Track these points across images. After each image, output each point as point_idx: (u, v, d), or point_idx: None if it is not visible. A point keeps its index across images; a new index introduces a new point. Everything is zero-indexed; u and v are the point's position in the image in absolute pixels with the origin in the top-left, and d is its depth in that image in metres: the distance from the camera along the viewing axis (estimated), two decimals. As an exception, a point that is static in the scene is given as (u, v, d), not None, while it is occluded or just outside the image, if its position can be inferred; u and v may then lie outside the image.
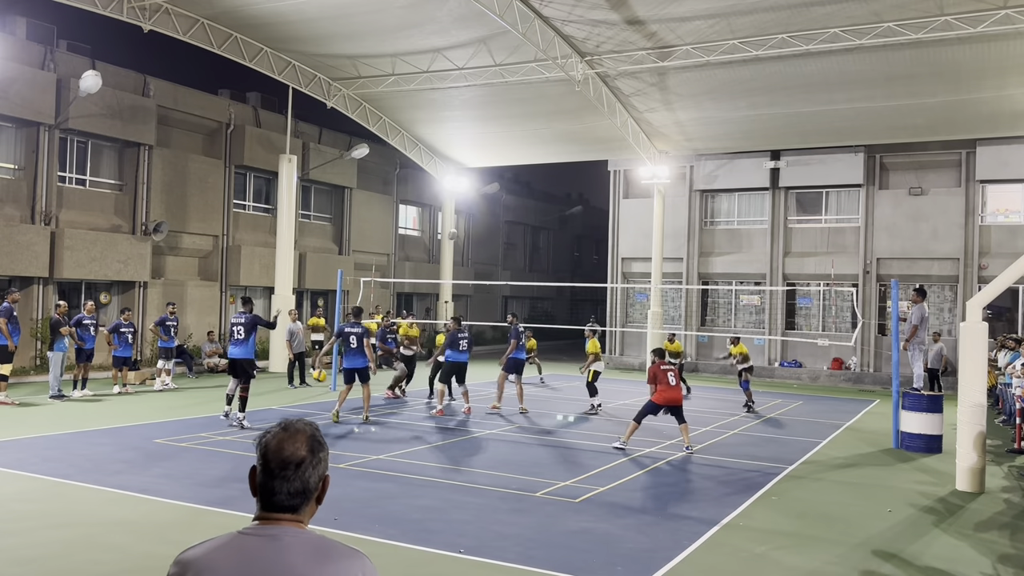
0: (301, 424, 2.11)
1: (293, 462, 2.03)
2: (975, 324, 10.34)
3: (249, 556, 1.95)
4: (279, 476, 2.03)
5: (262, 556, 1.95)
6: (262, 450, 2.07)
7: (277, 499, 2.04)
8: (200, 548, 2.01)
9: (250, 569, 1.93)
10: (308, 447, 2.07)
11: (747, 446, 13.02)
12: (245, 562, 1.94)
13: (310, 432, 2.10)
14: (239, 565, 1.94)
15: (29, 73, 19.51)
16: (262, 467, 2.05)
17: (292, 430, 2.08)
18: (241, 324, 13.17)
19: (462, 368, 15.31)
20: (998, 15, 16.25)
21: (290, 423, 2.11)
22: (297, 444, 2.06)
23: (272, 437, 2.07)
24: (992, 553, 7.58)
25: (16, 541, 6.97)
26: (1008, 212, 24.98)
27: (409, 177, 32.59)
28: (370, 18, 19.32)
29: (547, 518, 8.20)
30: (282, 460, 2.03)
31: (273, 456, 2.04)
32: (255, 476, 2.07)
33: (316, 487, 2.09)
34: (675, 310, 29.13)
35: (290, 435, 2.07)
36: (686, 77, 21.43)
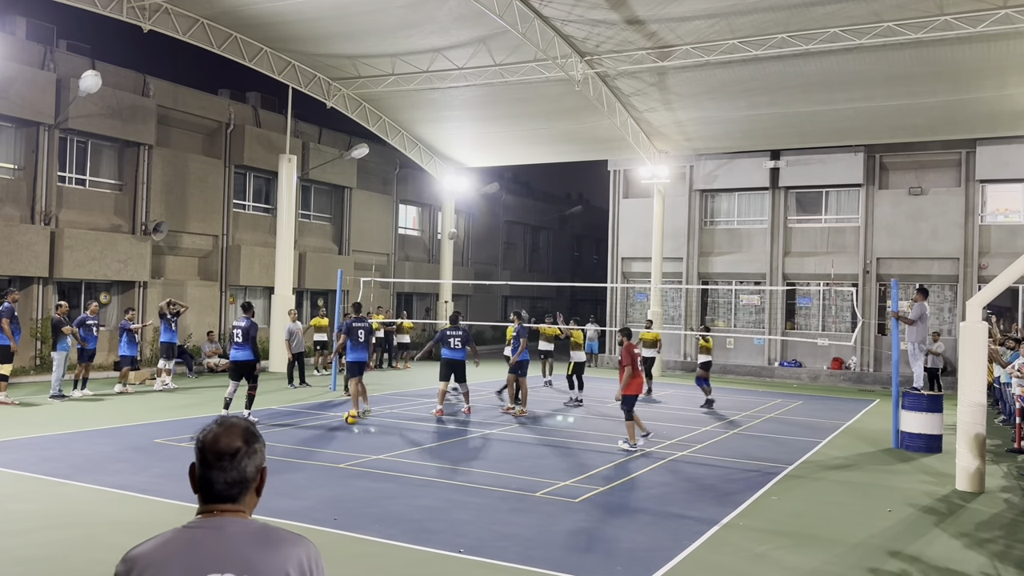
0: (236, 419, 2.22)
1: (228, 453, 2.11)
2: (975, 324, 10.34)
3: (195, 547, 2.02)
4: (216, 467, 2.10)
5: (208, 547, 2.02)
6: (199, 444, 2.14)
7: (216, 489, 2.11)
8: (147, 545, 2.09)
9: (197, 560, 2.00)
10: (243, 438, 2.15)
11: (747, 446, 13.03)
12: (192, 554, 2.01)
13: (244, 425, 2.19)
14: (186, 557, 2.00)
15: (29, 73, 19.51)
16: (200, 460, 2.13)
17: (227, 424, 2.17)
18: (241, 328, 13.57)
19: (456, 366, 15.02)
20: (998, 15, 16.25)
21: (226, 418, 2.22)
22: (232, 436, 2.14)
23: (208, 432, 2.15)
24: (992, 553, 7.58)
25: (16, 541, 6.97)
26: (1008, 212, 24.98)
27: (409, 177, 32.59)
28: (370, 18, 19.31)
29: (547, 518, 8.20)
30: (217, 451, 2.11)
31: (209, 449, 2.12)
32: (194, 472, 2.15)
33: (254, 477, 2.17)
34: (675, 310, 29.14)
35: (225, 428, 2.15)
36: (686, 77, 21.42)
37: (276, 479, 9.46)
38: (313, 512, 8.00)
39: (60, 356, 15.75)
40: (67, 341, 15.93)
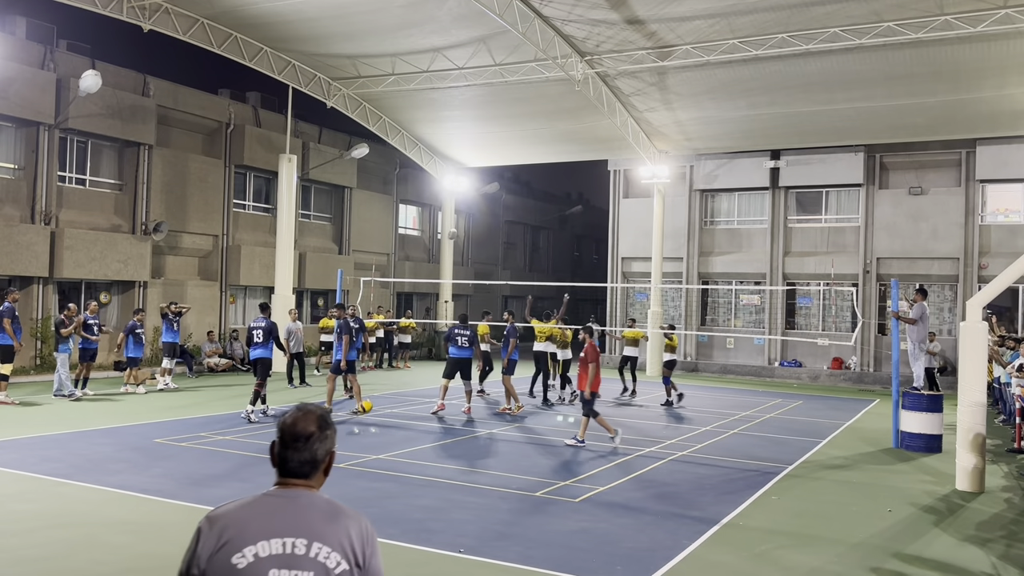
0: (313, 407, 2.52)
1: (303, 436, 2.43)
2: (975, 324, 10.34)
3: (272, 512, 2.36)
4: (291, 447, 2.43)
5: (283, 512, 2.36)
6: (280, 427, 2.48)
7: (290, 466, 2.44)
8: (229, 506, 2.42)
9: (272, 523, 2.33)
10: (317, 425, 2.46)
11: (747, 446, 13.03)
12: (268, 517, 2.34)
13: (320, 412, 2.49)
14: (263, 520, 2.33)
15: (29, 73, 19.51)
16: (279, 441, 2.46)
17: (305, 410, 2.48)
18: (261, 328, 14.19)
19: (463, 364, 15.20)
20: (998, 15, 16.24)
21: (304, 405, 2.52)
22: (308, 422, 2.45)
23: (289, 416, 2.48)
24: (992, 553, 7.58)
25: (16, 541, 6.97)
26: (1008, 212, 24.98)
27: (409, 177, 32.59)
28: (370, 17, 19.31)
29: (547, 518, 8.20)
30: (294, 434, 2.44)
31: (288, 431, 2.45)
32: (274, 449, 2.47)
33: (323, 458, 2.48)
34: (675, 310, 29.14)
35: (303, 415, 2.47)
36: (686, 77, 21.42)
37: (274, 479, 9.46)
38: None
39: (62, 356, 15.74)
40: (68, 342, 15.94)
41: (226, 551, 2.29)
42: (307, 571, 2.28)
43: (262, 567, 2.26)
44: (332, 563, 2.30)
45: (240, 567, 2.26)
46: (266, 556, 2.28)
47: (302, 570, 2.28)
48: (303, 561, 2.29)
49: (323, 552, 2.31)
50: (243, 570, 2.26)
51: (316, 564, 2.29)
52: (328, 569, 2.30)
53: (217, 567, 2.28)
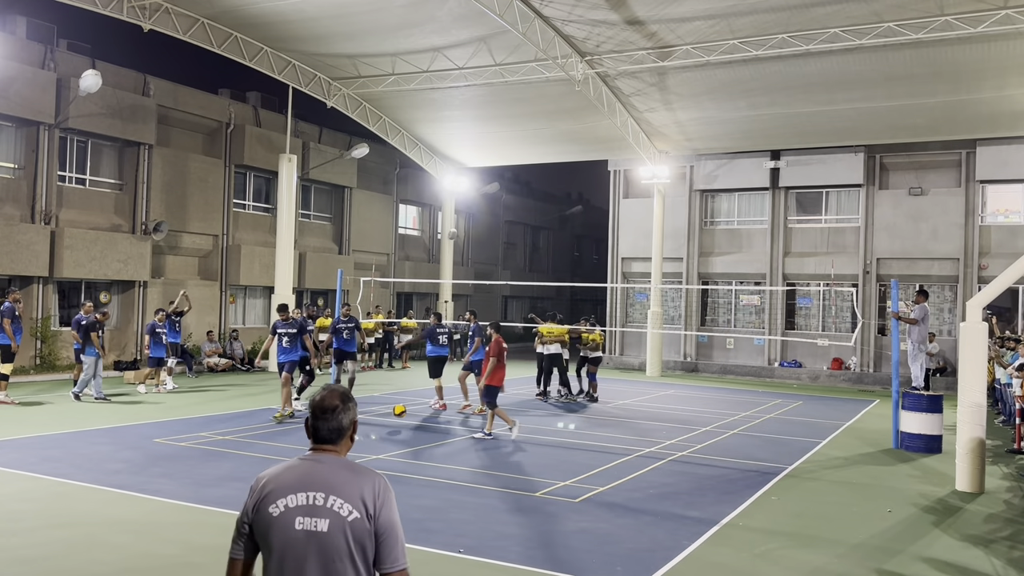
0: (337, 386, 3.10)
1: (330, 408, 2.98)
2: (975, 324, 10.34)
3: (301, 472, 2.91)
4: (321, 419, 2.97)
5: (310, 471, 2.90)
6: (311, 403, 3.02)
7: (321, 434, 2.97)
8: (272, 469, 2.96)
9: (301, 480, 2.87)
10: (340, 399, 3.01)
11: (747, 446, 13.03)
12: (298, 476, 2.89)
13: (342, 390, 3.06)
14: (294, 478, 2.89)
15: (29, 72, 19.51)
16: (312, 414, 2.99)
17: (331, 388, 3.05)
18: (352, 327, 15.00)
19: (444, 362, 16.08)
20: (998, 15, 16.25)
21: (329, 385, 3.10)
22: (333, 397, 3.01)
23: (317, 394, 3.03)
24: (992, 553, 7.58)
25: (16, 541, 6.97)
26: (1008, 212, 24.97)
27: (409, 177, 32.59)
28: (370, 17, 19.31)
29: (547, 518, 8.20)
30: (323, 408, 2.98)
31: (318, 406, 2.99)
32: (308, 422, 3.00)
33: (348, 427, 3.02)
34: (675, 310, 29.13)
35: (329, 392, 3.03)
36: (686, 77, 21.42)
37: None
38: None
39: (90, 360, 15.56)
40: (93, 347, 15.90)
41: (265, 503, 2.85)
42: (324, 518, 2.80)
43: (290, 515, 2.82)
44: (344, 512, 2.81)
45: (274, 515, 2.82)
46: (293, 506, 2.83)
47: (320, 517, 2.81)
48: (321, 510, 2.81)
49: (337, 503, 2.82)
50: (276, 518, 2.82)
51: (331, 512, 2.81)
52: (342, 517, 2.81)
53: (260, 516, 2.85)
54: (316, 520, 2.79)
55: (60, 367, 20.06)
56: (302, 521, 2.80)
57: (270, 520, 2.81)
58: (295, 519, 2.80)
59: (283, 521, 2.81)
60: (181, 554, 6.79)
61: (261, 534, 2.84)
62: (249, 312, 26.27)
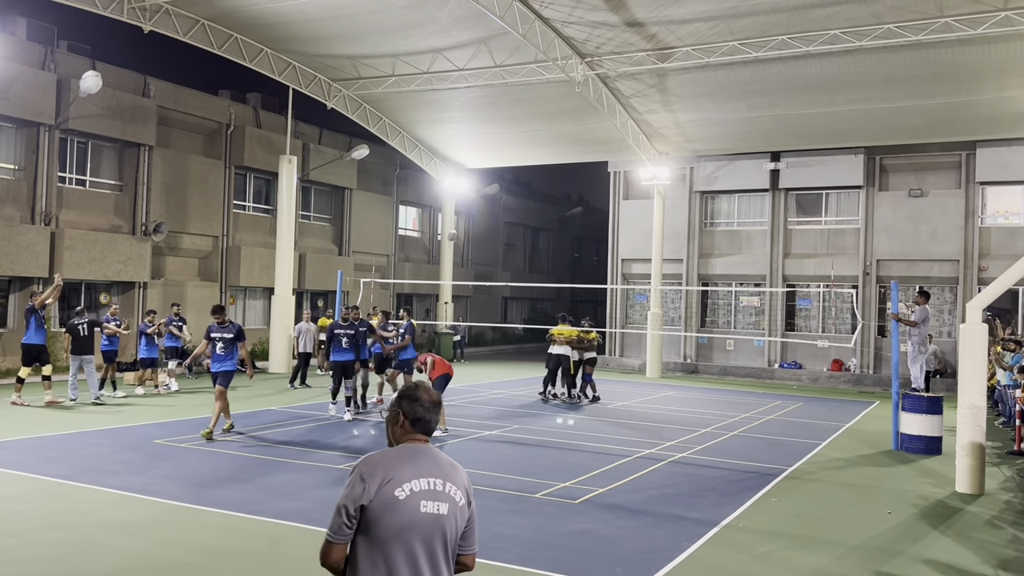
0: (423, 382, 3.36)
1: (437, 402, 3.28)
2: (975, 326, 10.34)
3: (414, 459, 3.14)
4: (432, 411, 3.24)
5: (422, 460, 3.15)
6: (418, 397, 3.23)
7: (429, 426, 3.24)
8: (378, 455, 3.16)
9: (418, 467, 3.11)
10: (438, 395, 3.31)
11: (746, 448, 13.02)
12: (414, 463, 3.12)
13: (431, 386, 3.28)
14: (411, 465, 3.11)
15: (29, 73, 19.52)
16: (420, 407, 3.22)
17: (425, 386, 3.30)
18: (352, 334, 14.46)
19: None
20: (998, 17, 16.26)
21: (418, 383, 3.34)
22: (434, 393, 3.30)
23: (419, 389, 3.27)
24: (992, 555, 7.58)
25: (16, 542, 6.97)
26: (1008, 214, 24.98)
27: (409, 178, 32.60)
28: (370, 19, 19.32)
29: (546, 519, 8.20)
30: (433, 401, 3.25)
31: (429, 400, 3.24)
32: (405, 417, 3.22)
33: None
34: (675, 311, 29.13)
35: (427, 387, 3.29)
36: (686, 78, 21.43)
37: (275, 480, 9.46)
38: (312, 513, 7.99)
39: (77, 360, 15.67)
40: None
41: (390, 487, 3.02)
42: (444, 503, 3.09)
43: (416, 499, 3.04)
44: (458, 497, 3.14)
45: (400, 499, 3.02)
46: (419, 491, 3.06)
47: (442, 502, 3.08)
48: (442, 495, 3.09)
49: (452, 489, 3.13)
50: (403, 501, 3.02)
51: (449, 498, 3.11)
52: (455, 501, 3.12)
53: (382, 499, 3.01)
54: (438, 503, 3.07)
55: (60, 368, 20.02)
56: (426, 504, 3.05)
57: (395, 503, 3.01)
58: (420, 502, 3.04)
59: (409, 504, 3.02)
60: (181, 555, 6.79)
61: (379, 516, 3.00)
62: (249, 313, 26.27)
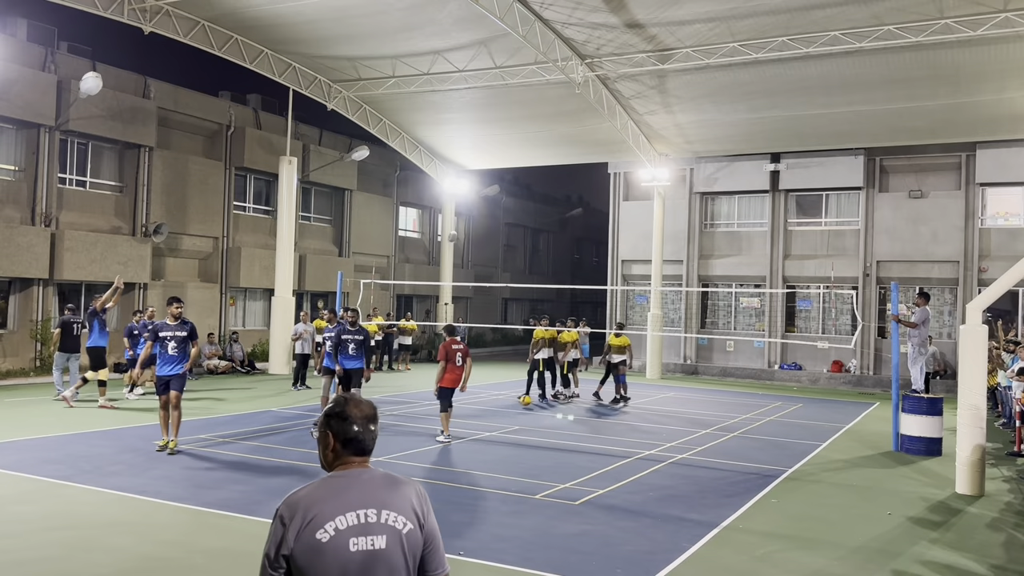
0: (354, 394, 2.85)
1: (371, 416, 2.77)
2: (975, 327, 10.33)
3: (341, 490, 2.65)
4: (366, 428, 2.74)
5: (351, 489, 2.65)
6: (349, 414, 2.73)
7: (365, 445, 2.74)
8: (302, 491, 2.65)
9: (345, 499, 2.63)
10: (373, 407, 2.80)
11: (746, 449, 13.02)
12: (340, 494, 2.63)
13: (367, 399, 2.81)
14: (336, 497, 2.62)
15: (30, 74, 19.53)
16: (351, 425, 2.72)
17: (355, 398, 2.80)
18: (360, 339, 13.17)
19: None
20: (998, 18, 16.26)
21: (348, 395, 2.83)
22: (368, 405, 2.79)
23: (348, 404, 2.76)
24: (992, 556, 7.58)
25: (15, 543, 6.97)
26: (1008, 215, 24.99)
27: (409, 179, 32.61)
28: (371, 20, 19.32)
29: (546, 520, 8.19)
30: (365, 416, 2.75)
31: (362, 415, 2.75)
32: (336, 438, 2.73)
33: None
34: (675, 312, 29.13)
35: (359, 401, 2.78)
36: (686, 80, 21.43)
37: (275, 481, 9.46)
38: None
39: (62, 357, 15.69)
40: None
41: (310, 529, 2.56)
42: (381, 535, 2.62)
43: (342, 538, 2.57)
44: (400, 524, 2.65)
45: (324, 541, 2.55)
46: (344, 528, 2.58)
47: (376, 535, 2.61)
48: (376, 527, 2.62)
49: (391, 517, 2.65)
50: (327, 543, 2.55)
51: (387, 528, 2.63)
52: (398, 531, 2.64)
53: (303, 545, 2.55)
54: (372, 538, 2.60)
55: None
56: (356, 542, 2.57)
57: (318, 547, 2.54)
58: (348, 541, 2.57)
59: (335, 545, 2.55)
60: (180, 556, 6.79)
61: (306, 564, 2.54)
62: (249, 314, 26.28)
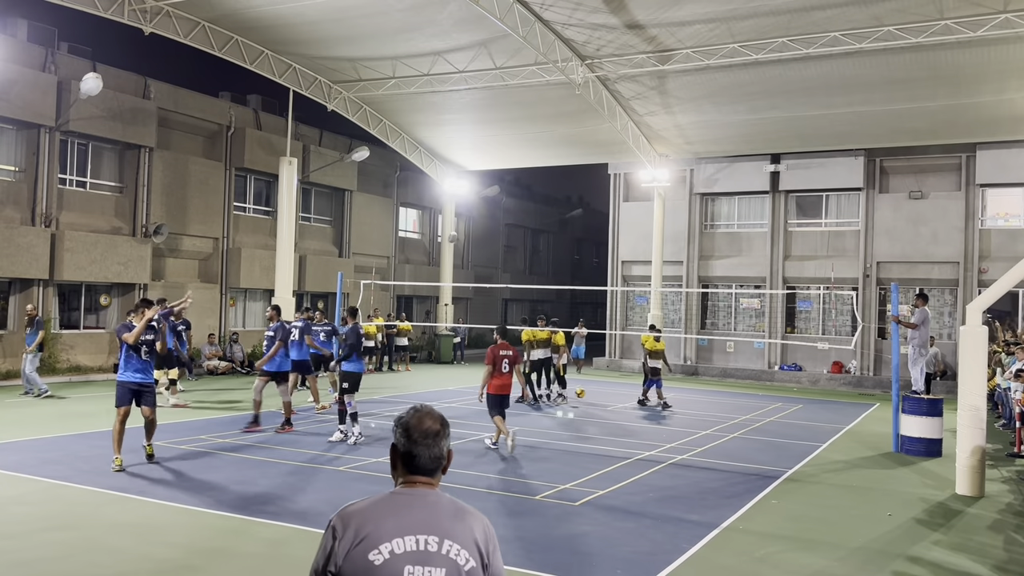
0: (429, 407, 2.61)
1: (432, 433, 2.52)
2: (975, 328, 10.33)
3: (403, 510, 2.43)
4: (422, 444, 2.50)
5: (413, 510, 2.43)
6: (404, 426, 2.54)
7: (420, 463, 2.51)
8: (360, 503, 2.46)
9: (405, 520, 2.40)
10: (440, 422, 2.56)
11: (747, 450, 13.02)
12: (400, 515, 2.42)
13: (438, 412, 2.59)
14: (396, 517, 2.41)
15: (30, 75, 19.53)
16: (406, 439, 2.52)
17: (425, 410, 2.58)
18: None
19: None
20: (998, 19, 16.27)
21: (421, 407, 2.61)
22: (433, 419, 2.55)
23: (412, 416, 2.56)
24: (992, 557, 7.57)
25: (15, 544, 6.97)
26: (1008, 216, 24.99)
27: (409, 180, 32.61)
28: (371, 21, 19.33)
29: (546, 521, 8.19)
30: (423, 431, 2.51)
31: (416, 429, 2.52)
32: (396, 451, 2.54)
33: (446, 456, 2.56)
34: (675, 313, 29.13)
35: (426, 413, 2.56)
36: (686, 81, 21.44)
37: (276, 481, 9.46)
38: (313, 515, 8.00)
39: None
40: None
41: (363, 548, 2.35)
42: (440, 567, 2.37)
43: (398, 563, 2.34)
44: (462, 560, 2.39)
45: (376, 563, 2.33)
46: (401, 552, 2.36)
47: (435, 566, 2.36)
48: (436, 558, 2.37)
49: (454, 549, 2.39)
50: (379, 566, 2.33)
51: (448, 560, 2.38)
52: (459, 566, 2.38)
53: (354, 564, 2.34)
54: (431, 570, 2.35)
55: (60, 370, 20.06)
56: (412, 571, 2.34)
57: (370, 569, 2.32)
58: (404, 568, 2.34)
59: (388, 570, 2.33)
60: (180, 557, 6.78)
61: None
62: (249, 315, 26.27)
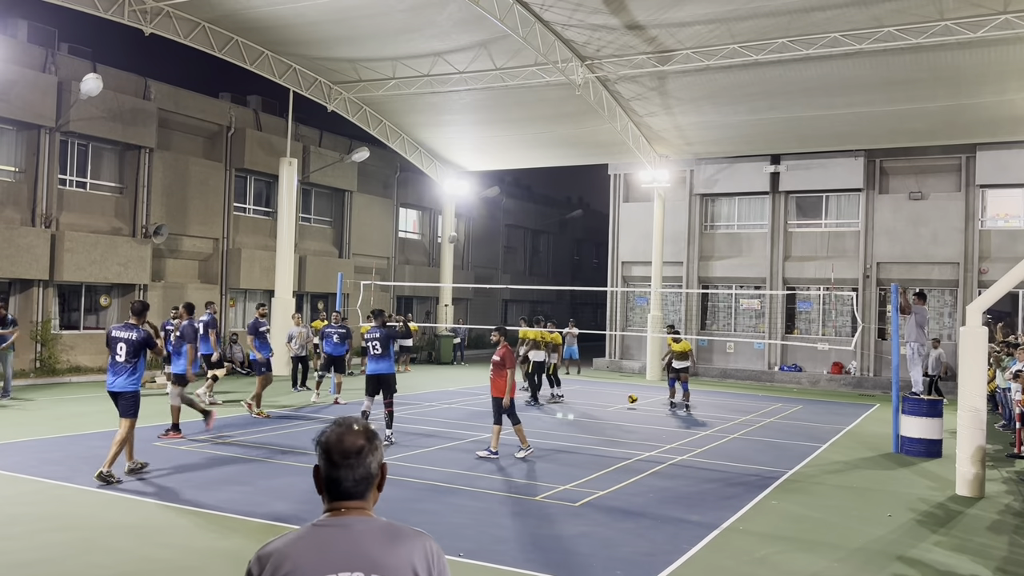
0: (354, 418, 2.31)
1: (354, 451, 2.21)
2: (975, 328, 10.33)
3: (325, 545, 2.13)
4: (344, 465, 2.21)
5: (337, 545, 2.13)
6: (323, 446, 2.24)
7: (344, 487, 2.21)
8: (278, 541, 2.17)
9: (327, 557, 2.10)
10: (365, 436, 2.25)
11: (747, 450, 13.02)
12: (322, 550, 2.12)
13: (364, 424, 2.28)
14: (316, 554, 2.11)
15: (30, 76, 19.53)
16: (326, 461, 2.23)
17: (347, 424, 2.27)
18: (376, 339, 12.42)
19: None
20: (998, 20, 16.27)
21: (343, 419, 2.31)
22: (355, 435, 2.24)
23: (331, 433, 2.26)
24: (992, 558, 7.57)
25: (15, 544, 6.96)
26: (1008, 216, 24.99)
27: (409, 180, 32.62)
28: (371, 22, 19.33)
29: (546, 522, 8.19)
30: (343, 450, 2.21)
31: (335, 448, 2.22)
32: (319, 473, 2.25)
33: (376, 473, 2.26)
34: (675, 314, 29.11)
35: (346, 428, 2.25)
36: (686, 81, 21.44)
37: (275, 482, 9.46)
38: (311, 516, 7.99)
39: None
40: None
41: None
42: None
43: None
44: None
45: None
46: None
47: None
48: None
49: None
50: None
51: None
52: None
53: None
54: None
55: (60, 371, 20.06)
56: None
57: None
58: None
59: None
60: (179, 557, 6.78)
61: None
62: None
